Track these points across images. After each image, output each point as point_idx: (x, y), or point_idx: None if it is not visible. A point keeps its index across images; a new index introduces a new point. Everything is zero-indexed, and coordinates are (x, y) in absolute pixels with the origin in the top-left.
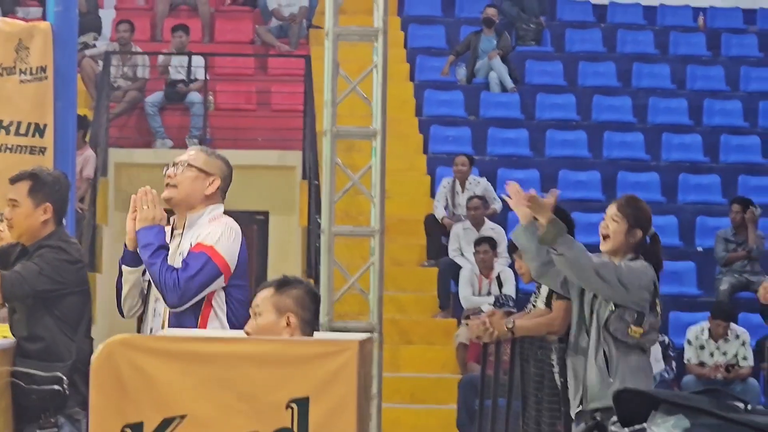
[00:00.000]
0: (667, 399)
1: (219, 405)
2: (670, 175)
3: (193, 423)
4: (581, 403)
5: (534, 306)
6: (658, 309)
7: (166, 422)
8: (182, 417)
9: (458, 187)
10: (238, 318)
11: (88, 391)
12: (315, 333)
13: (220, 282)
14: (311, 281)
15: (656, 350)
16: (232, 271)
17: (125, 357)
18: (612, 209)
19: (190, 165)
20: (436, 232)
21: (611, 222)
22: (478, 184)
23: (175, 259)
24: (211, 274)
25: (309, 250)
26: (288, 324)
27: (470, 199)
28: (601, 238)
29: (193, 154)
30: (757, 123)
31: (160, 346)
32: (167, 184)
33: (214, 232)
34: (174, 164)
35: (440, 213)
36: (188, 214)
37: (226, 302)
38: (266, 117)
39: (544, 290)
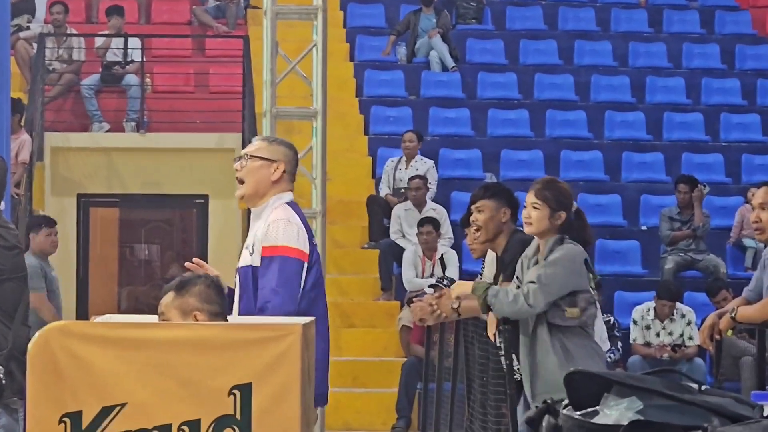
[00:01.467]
0: (620, 381)
1: (159, 392)
2: (614, 154)
3: (133, 411)
4: (533, 391)
5: None
6: (592, 284)
7: (106, 410)
8: (122, 405)
9: (402, 164)
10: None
11: (25, 379)
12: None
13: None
14: None
15: (601, 330)
16: (308, 253)
17: (62, 344)
18: (530, 197)
19: (252, 156)
20: (378, 213)
21: (532, 210)
22: (424, 164)
23: (243, 254)
24: (293, 268)
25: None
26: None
27: (412, 178)
28: (524, 226)
29: (254, 145)
30: (699, 100)
31: (97, 333)
32: (237, 179)
33: (275, 232)
34: (238, 158)
35: (384, 192)
36: (256, 205)
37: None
38: (204, 99)
39: (489, 272)
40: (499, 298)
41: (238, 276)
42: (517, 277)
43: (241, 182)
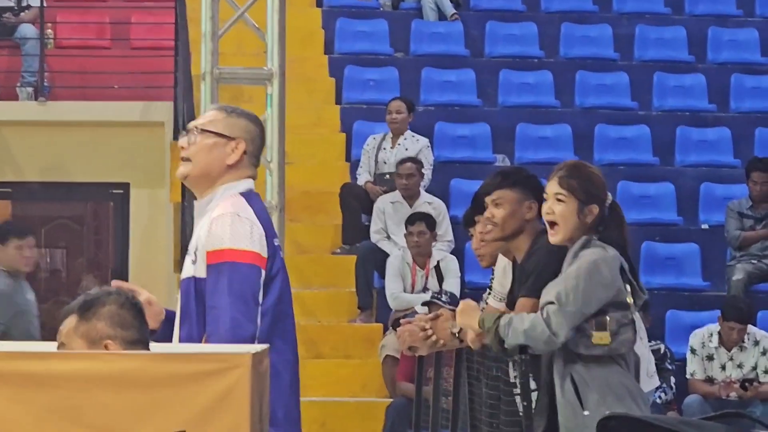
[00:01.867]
0: (672, 428)
1: None
2: (665, 129)
3: None
4: None
5: (486, 305)
6: (628, 299)
7: None
8: None
9: (387, 143)
10: None
11: None
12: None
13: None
14: None
15: (648, 362)
16: (266, 257)
17: None
18: (553, 186)
19: (204, 130)
20: (356, 207)
21: (556, 204)
22: (416, 143)
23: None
24: (248, 278)
25: (184, 233)
26: None
27: (401, 162)
28: (547, 226)
29: (208, 115)
30: None
31: None
32: (181, 158)
33: (220, 231)
34: (186, 131)
35: (363, 179)
36: (203, 194)
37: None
38: (124, 57)
39: (501, 284)
40: (514, 326)
41: (180, 292)
42: None
43: (187, 160)
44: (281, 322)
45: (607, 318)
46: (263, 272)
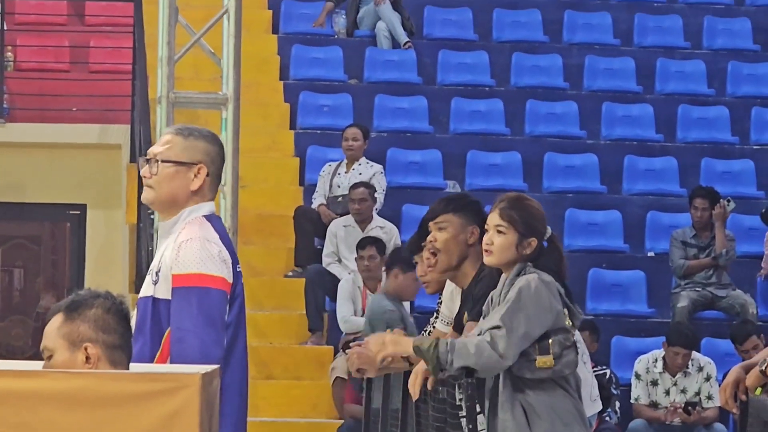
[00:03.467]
0: None
1: None
2: (613, 157)
3: None
4: None
5: (434, 329)
6: (567, 322)
7: None
8: None
9: (342, 168)
10: None
11: None
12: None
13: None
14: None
15: (591, 386)
16: (231, 281)
17: None
18: (494, 217)
19: (164, 161)
20: (309, 231)
21: (495, 235)
22: (370, 168)
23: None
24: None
25: (139, 254)
26: (87, 357)
27: (354, 186)
28: (483, 253)
29: (165, 140)
30: (725, 90)
31: None
32: (146, 185)
33: (189, 255)
34: (147, 160)
35: (317, 203)
36: (168, 217)
37: None
38: (82, 80)
39: (449, 309)
40: (458, 352)
41: (136, 310)
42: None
43: (151, 188)
44: (235, 343)
45: (550, 341)
46: (228, 296)
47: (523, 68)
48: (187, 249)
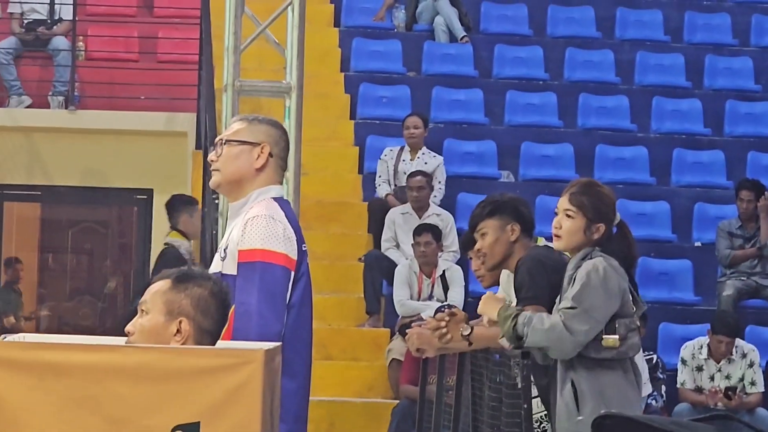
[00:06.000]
0: (664, 428)
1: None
2: (662, 150)
3: None
4: None
5: None
6: (633, 309)
7: None
8: None
9: (407, 155)
10: None
11: None
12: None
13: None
14: None
15: (642, 370)
16: (296, 260)
17: None
18: (563, 201)
19: (228, 141)
20: (382, 221)
21: (564, 219)
22: (434, 159)
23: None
24: (278, 279)
25: (203, 238)
26: (178, 331)
27: (412, 174)
28: (553, 236)
29: (231, 127)
30: None
31: (6, 356)
32: (212, 170)
33: (254, 232)
34: (213, 145)
35: (384, 190)
36: (236, 198)
37: None
38: (151, 69)
39: (507, 293)
40: (534, 326)
41: None
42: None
43: (217, 171)
44: (300, 323)
45: (617, 322)
46: (292, 274)
47: (576, 63)
48: (252, 226)
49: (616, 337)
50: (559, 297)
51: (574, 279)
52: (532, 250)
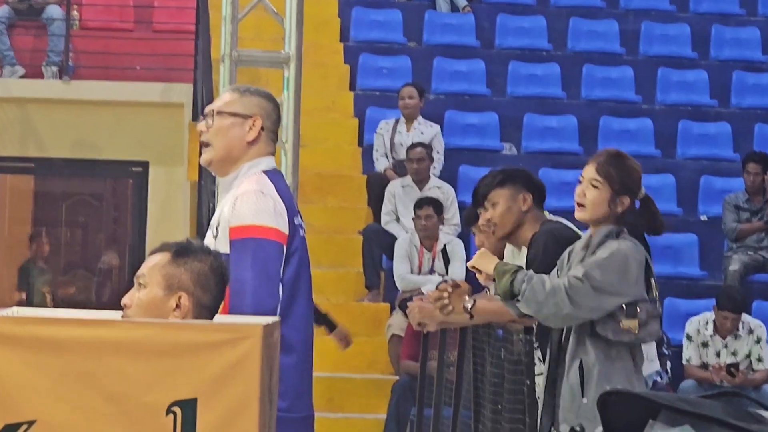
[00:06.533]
0: (670, 404)
1: (78, 408)
2: (667, 123)
3: (44, 431)
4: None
5: (490, 291)
6: (655, 293)
7: (9, 429)
8: (30, 423)
9: (402, 127)
10: None
11: None
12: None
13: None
14: None
15: (649, 346)
16: (288, 234)
17: None
18: (590, 170)
19: (219, 112)
20: (381, 195)
21: (589, 189)
22: (430, 129)
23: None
24: (271, 254)
25: (200, 211)
26: (177, 306)
27: (412, 146)
28: (576, 205)
29: (222, 98)
30: None
31: (2, 330)
32: (201, 143)
33: (245, 208)
34: (203, 116)
35: (382, 164)
36: (227, 173)
37: None
38: (146, 39)
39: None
40: (533, 285)
41: None
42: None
43: (207, 145)
44: (297, 298)
45: (638, 307)
46: (284, 248)
47: (580, 33)
48: (242, 201)
49: (636, 321)
50: (561, 267)
51: (595, 253)
52: (548, 224)
